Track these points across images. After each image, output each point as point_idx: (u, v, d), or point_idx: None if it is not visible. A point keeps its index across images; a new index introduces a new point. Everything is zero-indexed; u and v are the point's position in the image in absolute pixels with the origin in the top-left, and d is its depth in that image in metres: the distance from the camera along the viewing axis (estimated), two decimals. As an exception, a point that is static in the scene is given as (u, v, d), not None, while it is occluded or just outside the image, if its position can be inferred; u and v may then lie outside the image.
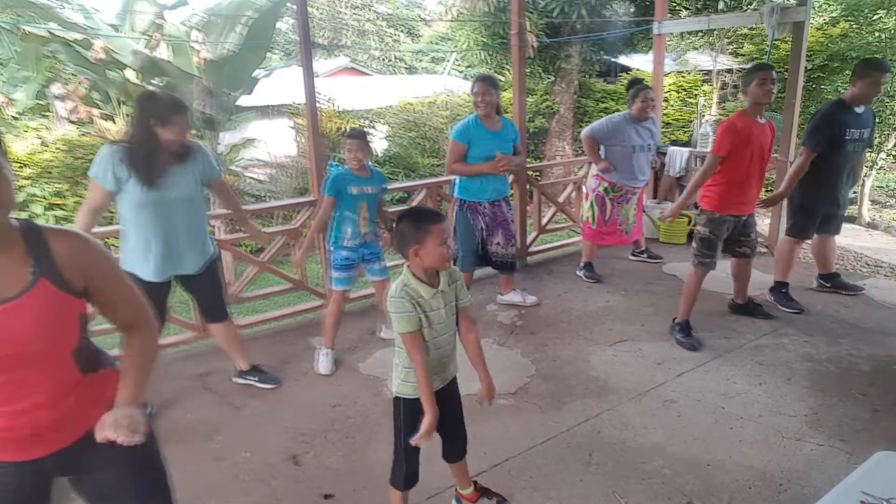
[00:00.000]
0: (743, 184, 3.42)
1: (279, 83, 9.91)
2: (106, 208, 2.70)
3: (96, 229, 2.86)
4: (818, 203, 3.89)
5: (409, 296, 1.83)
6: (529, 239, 5.19)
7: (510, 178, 4.08)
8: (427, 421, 1.84)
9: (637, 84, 4.46)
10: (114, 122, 8.33)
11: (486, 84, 3.70)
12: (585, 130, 4.52)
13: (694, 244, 3.59)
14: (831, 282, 4.23)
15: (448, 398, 2.03)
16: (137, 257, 2.71)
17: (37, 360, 1.24)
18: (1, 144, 1.22)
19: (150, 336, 1.47)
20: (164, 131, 2.57)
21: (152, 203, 2.63)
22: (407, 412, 1.95)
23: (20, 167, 6.99)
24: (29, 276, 1.22)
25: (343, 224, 3.32)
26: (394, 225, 1.96)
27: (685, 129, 11.57)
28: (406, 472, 2.00)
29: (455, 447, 2.15)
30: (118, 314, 1.42)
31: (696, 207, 3.61)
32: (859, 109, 3.74)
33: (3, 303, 1.19)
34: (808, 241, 4.16)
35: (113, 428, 1.29)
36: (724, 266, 3.82)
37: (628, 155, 4.40)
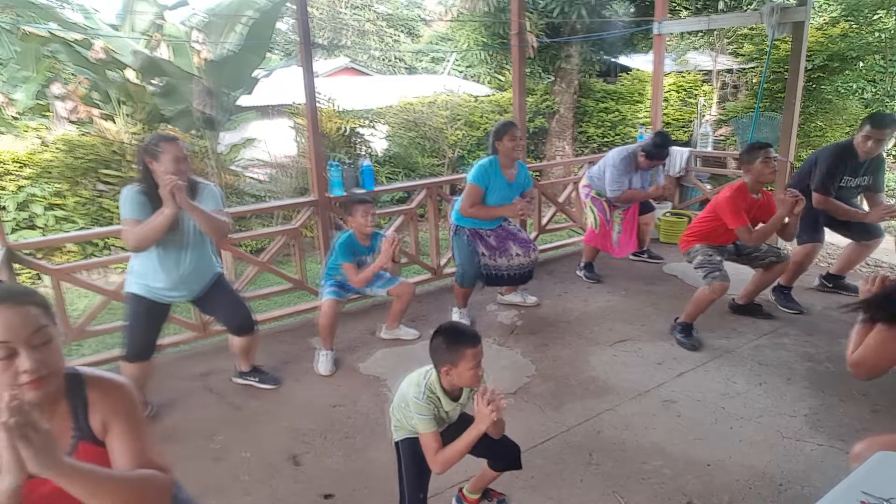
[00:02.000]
0: (730, 237, 3.51)
1: (279, 83, 9.90)
2: None
3: (96, 229, 2.86)
4: (814, 211, 3.82)
5: (432, 403, 1.88)
6: (529, 239, 5.19)
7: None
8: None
9: (662, 139, 4.31)
10: (114, 122, 8.32)
11: (518, 131, 3.65)
12: (610, 194, 4.41)
13: (699, 271, 3.52)
14: (833, 282, 4.23)
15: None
16: (141, 280, 2.77)
17: None
18: (48, 311, 1.21)
19: (159, 478, 1.29)
20: (157, 164, 2.59)
21: (163, 241, 2.67)
22: (410, 453, 1.96)
23: (20, 167, 6.98)
24: (70, 440, 1.23)
25: (339, 273, 3.45)
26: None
27: (685, 129, 11.58)
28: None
29: (502, 459, 2.13)
30: (122, 458, 1.29)
31: (686, 255, 3.65)
32: (863, 159, 3.71)
33: None
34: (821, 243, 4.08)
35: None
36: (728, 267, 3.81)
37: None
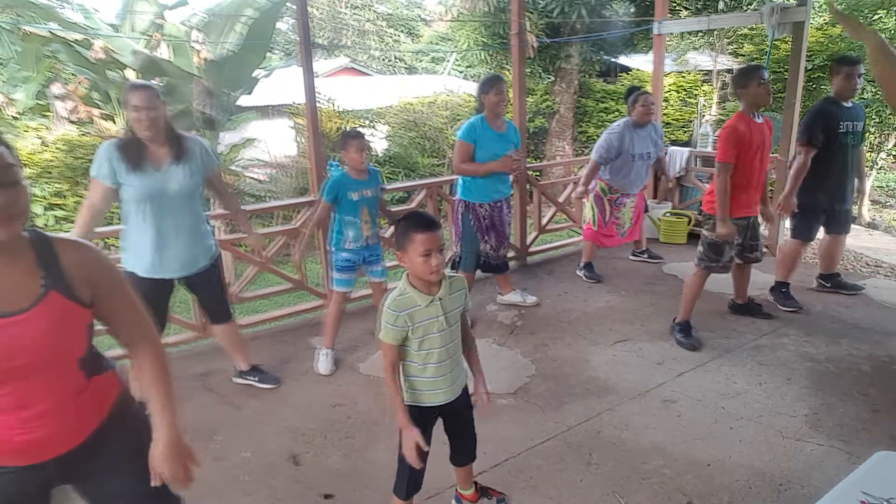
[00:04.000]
0: (747, 187, 3.40)
1: (279, 83, 9.92)
2: (106, 208, 2.70)
3: (98, 229, 2.86)
4: (818, 201, 3.88)
5: (402, 306, 1.80)
6: (529, 239, 5.19)
7: (511, 178, 4.10)
8: (406, 442, 1.83)
9: (636, 90, 4.49)
10: (114, 122, 8.34)
11: (504, 85, 3.69)
12: (594, 156, 4.46)
13: (700, 248, 3.53)
14: (831, 282, 4.23)
15: (458, 411, 2.02)
16: (135, 255, 2.72)
17: (45, 369, 1.25)
18: (13, 153, 1.22)
19: (157, 352, 1.46)
20: (128, 113, 2.58)
21: (151, 197, 2.63)
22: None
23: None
24: (40, 289, 1.23)
25: (345, 227, 3.31)
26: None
27: (685, 129, 11.57)
28: (409, 481, 2.00)
29: (464, 454, 2.13)
30: (121, 327, 1.42)
31: (701, 213, 3.60)
32: (848, 104, 3.83)
33: (14, 315, 1.19)
34: (812, 242, 4.13)
35: (168, 466, 1.38)
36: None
37: (628, 163, 4.41)
